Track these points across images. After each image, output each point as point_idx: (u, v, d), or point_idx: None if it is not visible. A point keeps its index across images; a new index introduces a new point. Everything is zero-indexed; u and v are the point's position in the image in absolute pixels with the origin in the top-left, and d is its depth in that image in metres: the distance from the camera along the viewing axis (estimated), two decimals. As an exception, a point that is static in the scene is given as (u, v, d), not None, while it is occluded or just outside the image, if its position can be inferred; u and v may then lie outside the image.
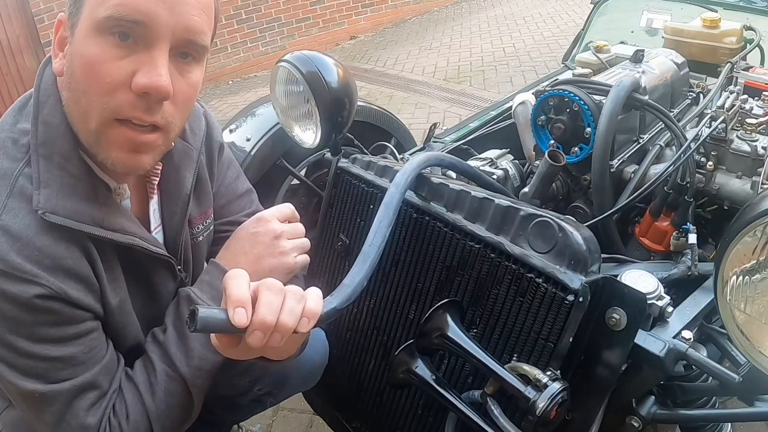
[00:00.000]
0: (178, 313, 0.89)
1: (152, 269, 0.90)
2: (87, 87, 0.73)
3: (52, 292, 0.74)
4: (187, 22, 0.73)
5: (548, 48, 5.07)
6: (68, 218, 0.75)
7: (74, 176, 0.77)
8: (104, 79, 0.72)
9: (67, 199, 0.76)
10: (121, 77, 0.72)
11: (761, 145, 1.27)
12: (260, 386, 1.13)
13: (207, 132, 1.02)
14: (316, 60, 1.26)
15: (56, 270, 0.74)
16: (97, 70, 0.72)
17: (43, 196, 0.74)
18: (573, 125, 1.31)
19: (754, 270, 0.81)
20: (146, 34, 0.71)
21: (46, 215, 0.73)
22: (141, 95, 0.72)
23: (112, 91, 0.72)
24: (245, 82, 5.53)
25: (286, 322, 0.67)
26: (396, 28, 6.53)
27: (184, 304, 0.89)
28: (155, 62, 0.72)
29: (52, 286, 0.74)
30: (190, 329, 0.64)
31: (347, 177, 1.15)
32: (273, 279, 0.70)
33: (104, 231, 0.78)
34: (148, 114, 0.74)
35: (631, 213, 1.41)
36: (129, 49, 0.72)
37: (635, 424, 0.94)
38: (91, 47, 0.72)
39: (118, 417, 0.82)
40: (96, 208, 0.78)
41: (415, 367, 0.84)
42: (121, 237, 0.81)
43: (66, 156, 0.77)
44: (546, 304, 0.81)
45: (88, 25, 0.71)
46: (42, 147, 0.76)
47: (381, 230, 0.89)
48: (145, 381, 0.85)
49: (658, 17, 2.10)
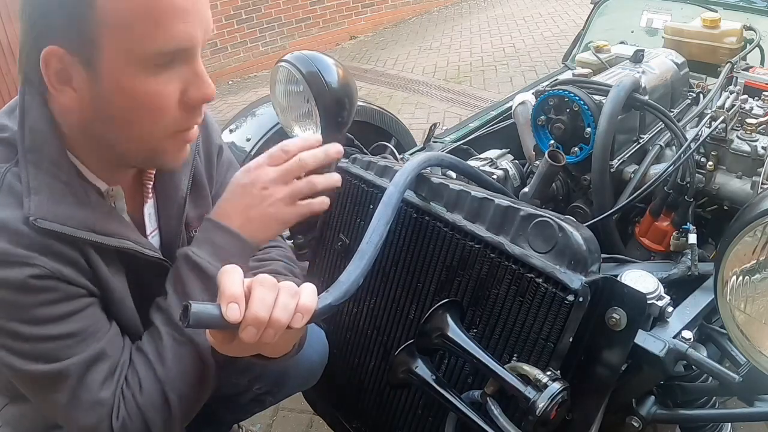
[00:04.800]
0: (178, 275, 0.86)
1: (148, 273, 0.89)
2: (139, 117, 0.75)
3: (46, 272, 0.73)
4: (209, 28, 0.76)
5: (548, 48, 5.07)
6: (60, 224, 0.74)
7: (64, 182, 0.77)
8: (162, 110, 0.75)
9: (58, 205, 0.75)
10: (175, 100, 0.75)
11: (761, 145, 1.27)
12: (260, 385, 1.13)
13: (205, 134, 1.02)
14: (316, 60, 1.26)
15: (48, 253, 0.74)
16: (155, 103, 0.74)
17: (33, 203, 0.73)
18: (573, 125, 1.31)
19: (754, 270, 0.81)
20: (188, 53, 0.74)
21: (38, 221, 0.73)
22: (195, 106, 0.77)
23: (169, 114, 0.75)
24: (245, 82, 5.52)
25: (279, 317, 0.67)
26: (396, 28, 6.53)
27: (183, 264, 0.86)
28: (200, 74, 0.76)
29: (45, 265, 0.73)
30: (183, 325, 0.63)
31: (347, 177, 1.15)
32: (266, 275, 0.70)
33: (97, 236, 0.78)
34: (199, 117, 0.80)
35: (631, 213, 1.41)
36: (172, 70, 0.73)
37: (635, 424, 0.94)
38: (141, 83, 0.72)
39: (132, 389, 0.81)
40: (88, 213, 0.78)
41: (415, 367, 0.84)
42: (114, 241, 0.80)
43: (55, 162, 0.76)
44: (546, 304, 0.81)
45: (129, 60, 0.70)
46: (30, 153, 0.76)
47: (379, 228, 0.88)
48: (153, 350, 0.83)
49: (658, 17, 2.09)
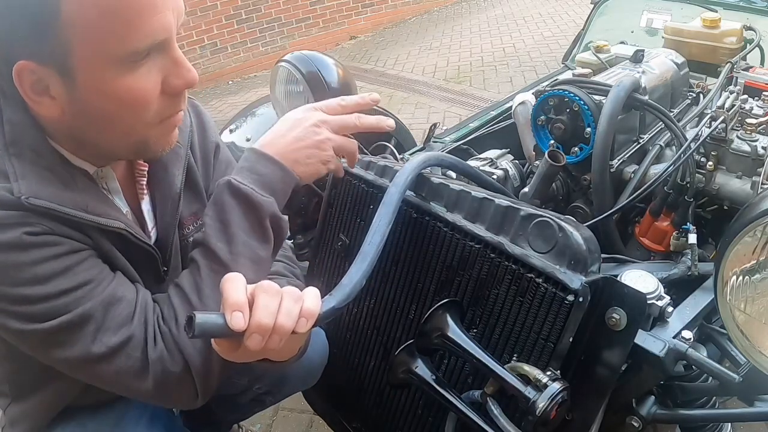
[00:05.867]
0: (219, 202, 0.84)
1: (136, 257, 0.86)
2: (122, 114, 0.74)
3: (42, 229, 0.72)
4: (180, 8, 0.75)
5: (548, 48, 5.07)
6: (52, 202, 0.73)
7: (48, 168, 0.76)
8: (144, 104, 0.74)
9: (48, 187, 0.74)
10: (157, 92, 0.74)
11: (761, 145, 1.27)
12: (260, 385, 1.13)
13: (201, 132, 1.01)
14: (316, 60, 1.27)
15: (42, 215, 0.73)
16: (137, 99, 0.73)
17: (23, 185, 0.72)
18: (573, 125, 1.31)
19: (754, 270, 0.81)
20: (164, 44, 0.73)
21: (30, 200, 0.71)
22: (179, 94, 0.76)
23: (152, 107, 0.75)
24: (245, 82, 5.53)
25: (284, 323, 0.67)
26: (396, 28, 6.53)
27: (225, 191, 0.84)
28: (179, 61, 0.74)
29: (40, 222, 0.72)
30: (188, 335, 0.63)
31: (347, 177, 1.15)
32: (269, 282, 0.69)
33: (89, 215, 0.77)
34: (184, 102, 0.80)
35: (631, 213, 1.41)
36: (150, 63, 0.73)
37: (635, 424, 0.94)
38: (120, 83, 0.71)
39: (168, 324, 0.79)
40: (77, 194, 0.77)
41: (415, 367, 0.84)
42: (106, 221, 0.79)
43: (36, 150, 0.75)
44: (546, 304, 0.81)
45: (104, 63, 0.69)
46: (11, 146, 0.75)
47: (380, 229, 0.88)
48: (190, 282, 0.82)
49: (658, 17, 2.09)
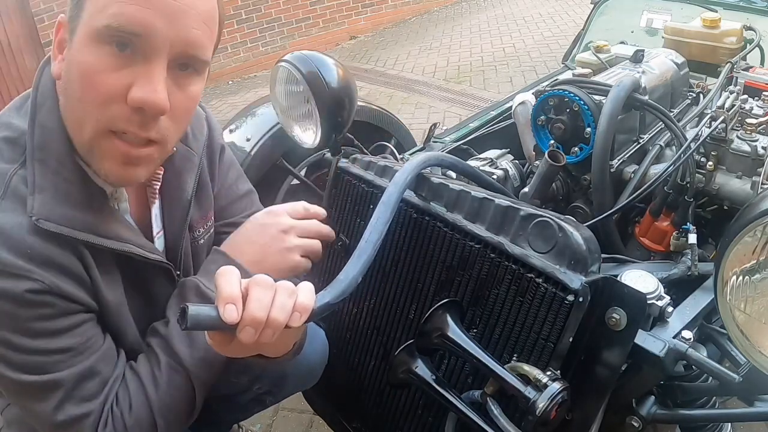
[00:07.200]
0: None
1: (150, 275, 0.89)
2: (82, 95, 0.71)
3: (44, 287, 0.73)
4: (186, 36, 0.71)
5: (548, 48, 5.07)
6: (62, 225, 0.74)
7: (68, 181, 0.76)
8: (100, 90, 0.70)
9: (61, 206, 0.75)
10: (117, 89, 0.70)
11: (761, 145, 1.27)
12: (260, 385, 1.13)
13: (209, 135, 1.02)
14: (316, 60, 1.26)
15: (48, 266, 0.74)
16: (93, 80, 0.70)
17: (37, 201, 0.73)
18: (573, 125, 1.31)
19: (754, 270, 0.81)
20: (144, 46, 0.70)
21: (40, 222, 0.73)
22: (136, 109, 0.71)
23: (108, 103, 0.71)
24: (245, 82, 5.52)
25: (277, 317, 0.67)
26: (396, 28, 6.53)
27: (192, 294, 0.87)
28: (152, 76, 0.70)
29: (44, 280, 0.73)
30: (181, 327, 0.63)
31: (347, 177, 1.15)
32: (263, 275, 0.70)
33: (98, 238, 0.78)
34: (143, 129, 0.73)
35: (631, 213, 1.41)
36: (127, 60, 0.70)
37: (635, 424, 0.94)
38: (88, 55, 0.70)
39: (121, 407, 0.81)
40: (90, 215, 0.78)
41: (415, 367, 0.84)
42: (115, 244, 0.80)
43: (61, 160, 0.76)
44: (546, 304, 0.81)
45: (87, 31, 0.70)
46: (38, 151, 0.76)
47: (378, 227, 0.88)
48: (148, 373, 0.84)
49: (658, 17, 2.09)
